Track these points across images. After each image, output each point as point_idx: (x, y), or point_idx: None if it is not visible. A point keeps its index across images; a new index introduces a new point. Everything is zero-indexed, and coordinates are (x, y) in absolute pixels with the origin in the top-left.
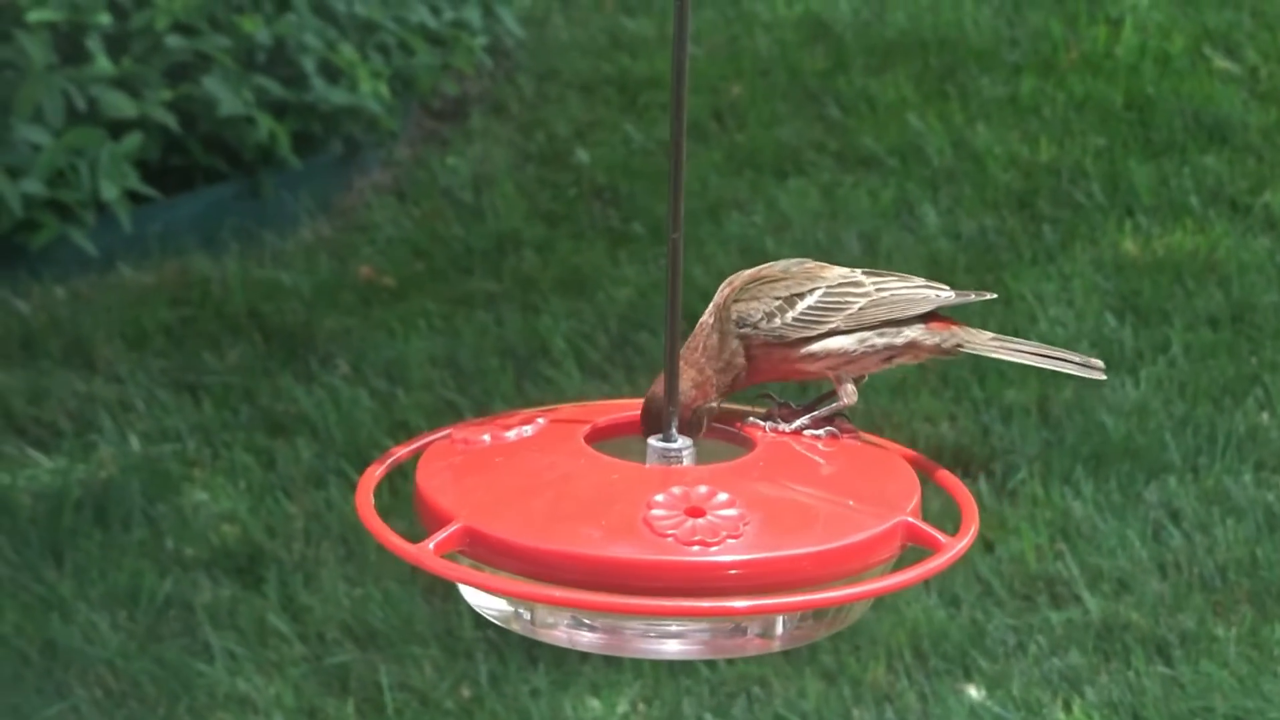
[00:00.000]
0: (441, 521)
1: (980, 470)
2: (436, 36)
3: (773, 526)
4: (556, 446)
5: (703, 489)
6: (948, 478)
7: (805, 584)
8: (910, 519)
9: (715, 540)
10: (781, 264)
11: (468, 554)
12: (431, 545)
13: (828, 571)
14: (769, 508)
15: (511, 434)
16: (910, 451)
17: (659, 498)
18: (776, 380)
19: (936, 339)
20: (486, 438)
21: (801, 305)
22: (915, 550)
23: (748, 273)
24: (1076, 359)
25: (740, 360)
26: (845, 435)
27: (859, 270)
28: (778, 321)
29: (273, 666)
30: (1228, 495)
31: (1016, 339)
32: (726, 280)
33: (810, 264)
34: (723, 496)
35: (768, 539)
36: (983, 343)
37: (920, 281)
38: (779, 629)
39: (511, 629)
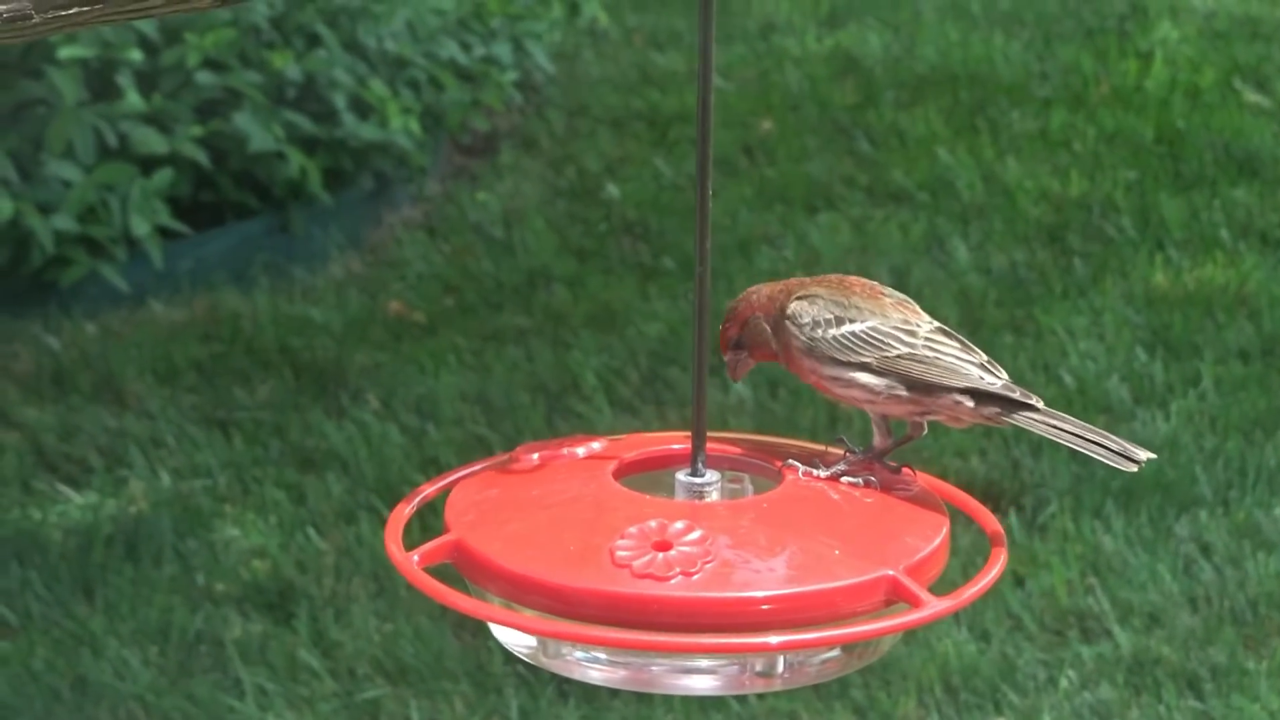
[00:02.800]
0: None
1: (1010, 504)
2: (467, 72)
3: (733, 566)
4: (584, 476)
5: (680, 524)
6: (992, 524)
7: (764, 625)
8: (895, 574)
9: (667, 575)
10: (869, 284)
11: (456, 567)
12: (416, 556)
13: (792, 614)
14: (742, 548)
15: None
16: (970, 500)
17: (632, 530)
18: (812, 385)
19: (983, 411)
20: (535, 456)
21: (846, 328)
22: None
23: (832, 276)
24: (1115, 446)
25: (777, 344)
26: (897, 483)
27: (932, 323)
28: (819, 333)
29: (304, 702)
30: (1259, 529)
31: (1064, 416)
32: (820, 276)
33: (895, 296)
34: (695, 534)
35: (722, 578)
36: (1028, 420)
37: (981, 359)
38: (779, 667)
39: (525, 659)
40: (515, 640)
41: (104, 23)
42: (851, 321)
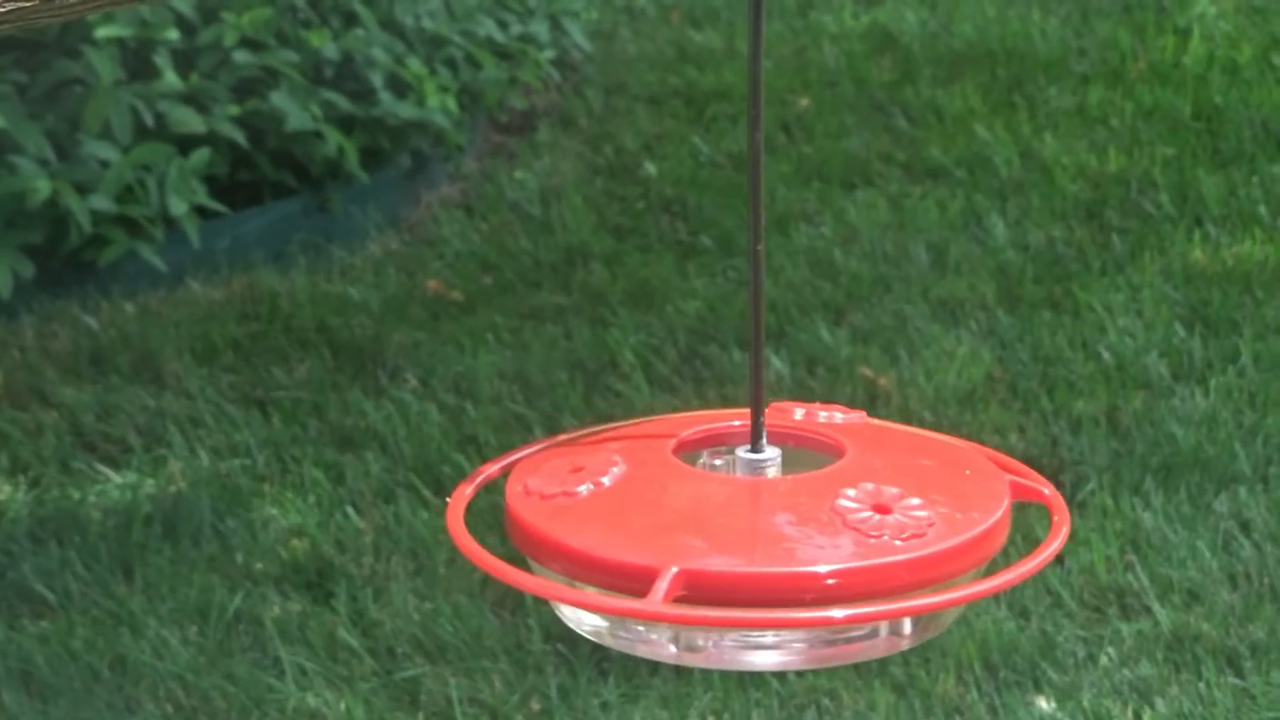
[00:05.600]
0: (642, 575)
1: (1049, 481)
2: (504, 51)
3: (948, 516)
4: (664, 474)
5: (869, 485)
6: (1016, 465)
7: (979, 564)
8: (1017, 478)
9: (921, 534)
10: None
11: (688, 598)
12: (660, 597)
13: (991, 548)
14: (935, 499)
15: (606, 478)
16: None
17: (843, 502)
18: None
19: None
20: (584, 488)
21: None
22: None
23: None
24: None
25: None
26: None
27: None
28: None
29: (343, 681)
30: None
31: None
32: None
33: None
34: (892, 490)
35: (952, 528)
36: None
37: None
38: (907, 626)
39: (605, 643)
40: (587, 620)
41: (143, 1)
42: None
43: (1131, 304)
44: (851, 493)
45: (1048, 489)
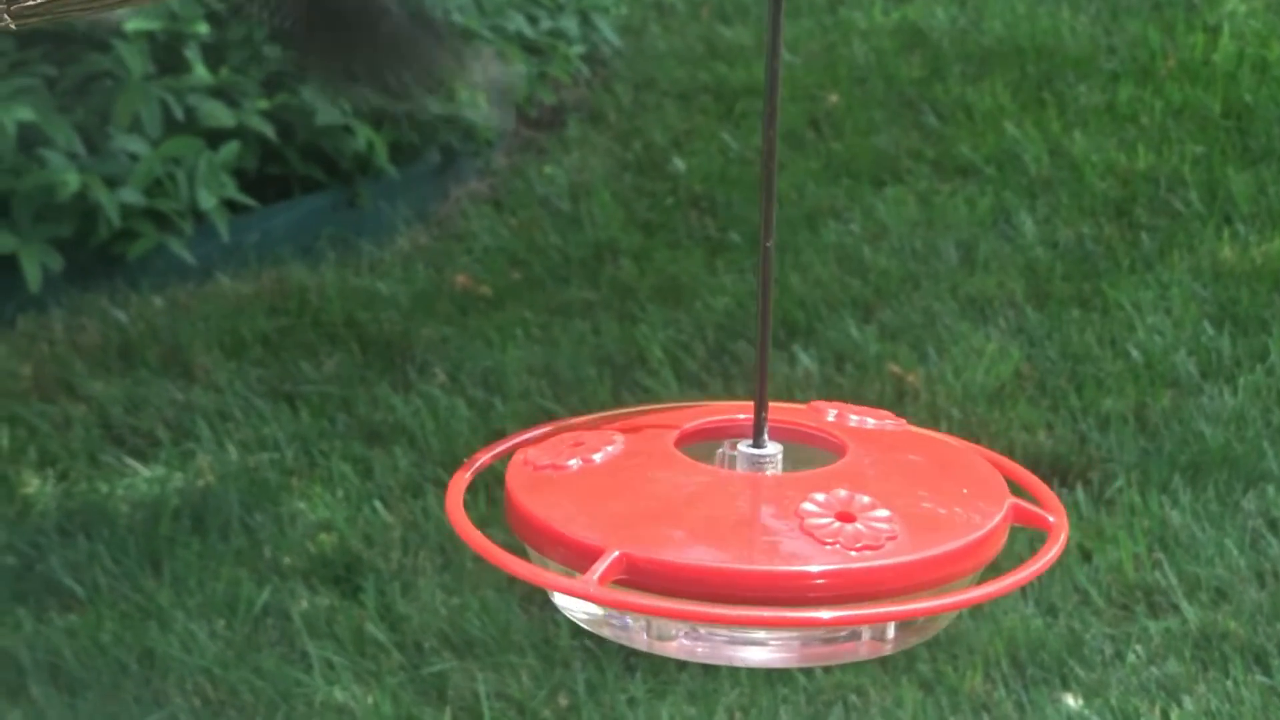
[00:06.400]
0: (588, 554)
1: (1078, 479)
2: (533, 45)
3: (915, 527)
4: (655, 461)
5: (842, 492)
6: (1022, 473)
7: (953, 579)
8: (1019, 501)
9: (878, 545)
10: None
11: (627, 582)
12: (595, 577)
13: (970, 564)
14: (905, 508)
15: (598, 456)
16: (1008, 462)
17: (807, 505)
18: None
19: None
20: (574, 462)
21: None
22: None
23: None
24: None
25: None
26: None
27: None
28: None
29: (370, 675)
30: None
31: None
32: None
33: None
34: (864, 499)
35: (918, 539)
36: None
37: None
38: (890, 633)
39: (603, 634)
40: (581, 610)
41: None
42: None
43: (1160, 302)
44: (820, 497)
45: (1054, 516)
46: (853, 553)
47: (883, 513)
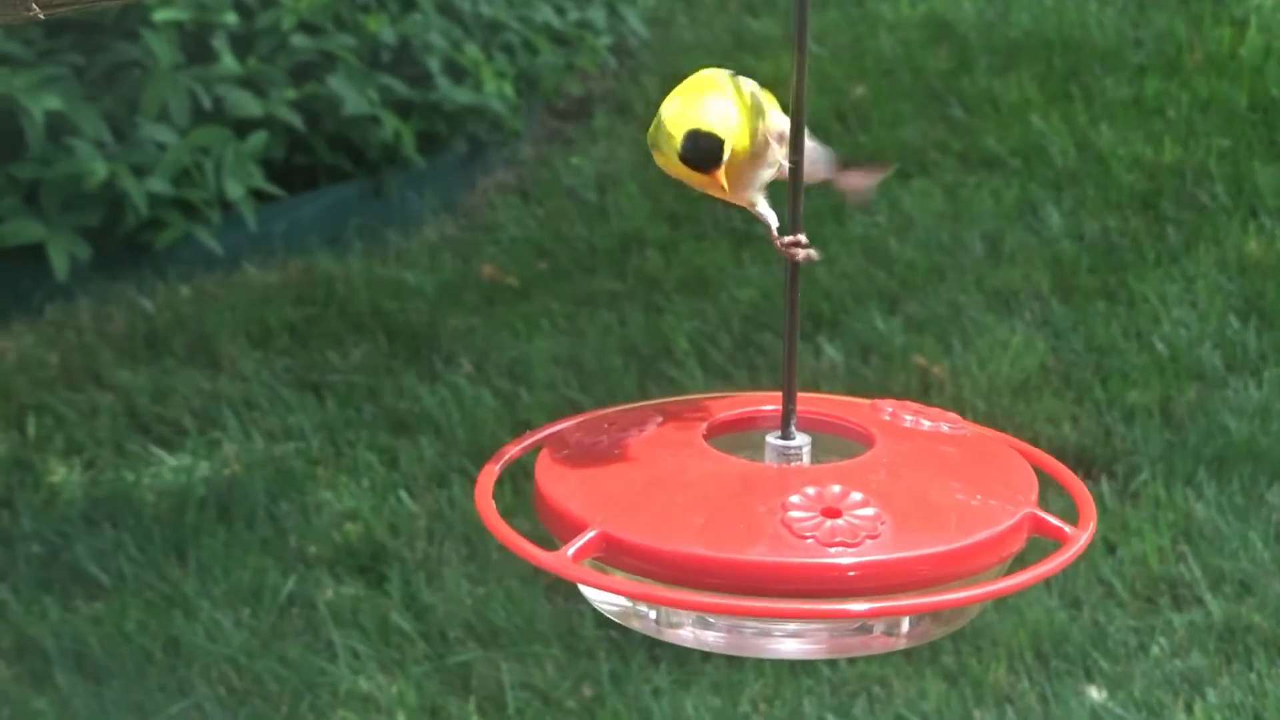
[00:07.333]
0: (573, 528)
1: (1102, 472)
2: (561, 36)
3: (907, 525)
4: (677, 446)
5: (835, 489)
6: (1061, 471)
7: (940, 581)
8: (1036, 511)
9: (855, 542)
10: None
11: (604, 560)
12: (570, 553)
13: (963, 568)
14: (901, 505)
15: (629, 437)
16: (1017, 441)
17: (794, 499)
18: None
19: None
20: (603, 440)
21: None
22: (1030, 548)
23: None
24: None
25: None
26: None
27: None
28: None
29: (395, 665)
30: None
31: None
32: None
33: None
34: (856, 496)
35: (905, 538)
36: None
37: None
38: (904, 627)
39: (632, 626)
40: (608, 601)
41: None
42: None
43: (1186, 295)
44: (811, 491)
45: (1069, 528)
46: (829, 548)
47: (869, 510)
